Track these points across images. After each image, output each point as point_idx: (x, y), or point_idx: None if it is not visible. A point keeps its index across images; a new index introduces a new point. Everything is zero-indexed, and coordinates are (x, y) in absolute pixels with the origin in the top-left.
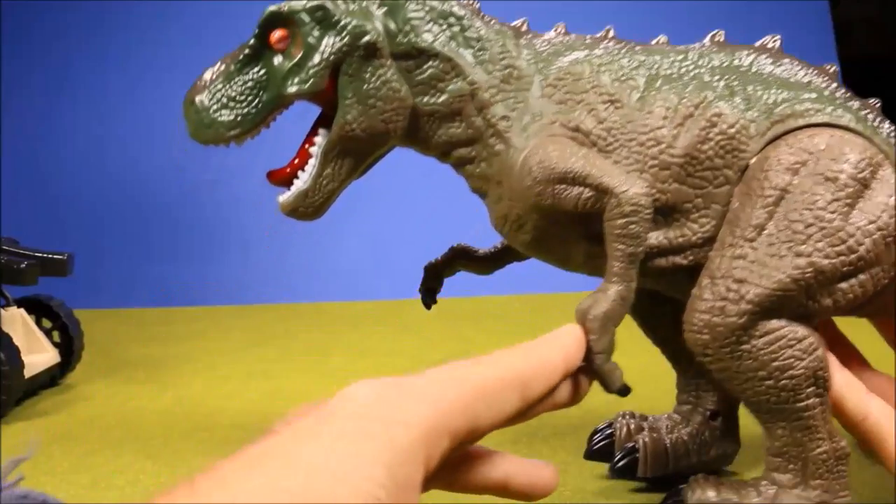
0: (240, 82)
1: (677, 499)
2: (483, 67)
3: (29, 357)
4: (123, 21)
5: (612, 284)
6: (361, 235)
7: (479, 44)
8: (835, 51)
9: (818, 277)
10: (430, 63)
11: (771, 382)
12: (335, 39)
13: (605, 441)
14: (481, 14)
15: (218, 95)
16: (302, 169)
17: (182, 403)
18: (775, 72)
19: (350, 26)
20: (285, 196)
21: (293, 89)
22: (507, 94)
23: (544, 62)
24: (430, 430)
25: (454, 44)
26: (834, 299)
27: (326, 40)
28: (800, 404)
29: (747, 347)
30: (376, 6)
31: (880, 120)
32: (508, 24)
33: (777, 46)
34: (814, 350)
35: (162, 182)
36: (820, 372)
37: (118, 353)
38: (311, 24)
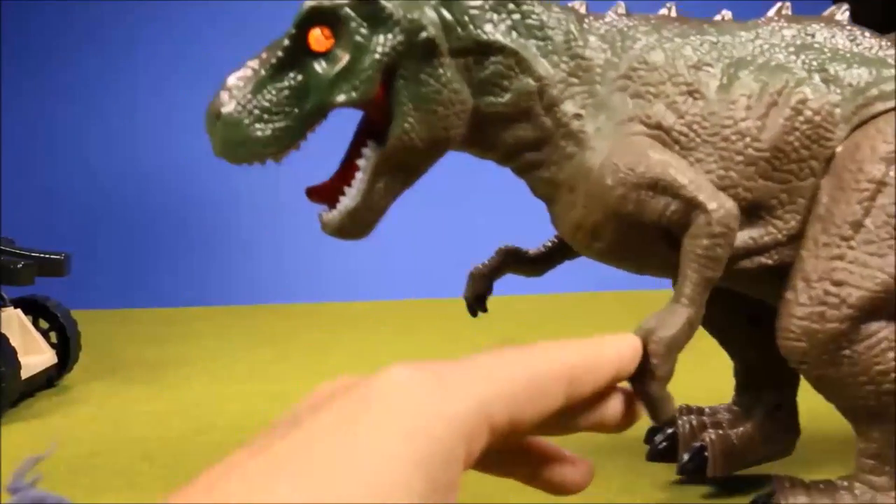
0: (274, 91)
1: (767, 503)
2: (549, 60)
3: (26, 358)
4: (123, 21)
5: (683, 308)
6: None
7: (543, 32)
8: None
9: None
10: (493, 58)
11: (872, 388)
12: (388, 37)
13: (669, 441)
14: None
15: (249, 107)
16: (348, 184)
17: (180, 405)
18: (851, 47)
19: (404, 21)
20: (331, 215)
21: (342, 98)
22: (577, 89)
23: (613, 50)
24: (473, 427)
25: (516, 34)
26: None
27: (377, 39)
28: None
29: (848, 353)
30: None
31: None
32: (567, 7)
33: (846, 17)
34: None
35: (160, 182)
36: None
37: (115, 354)
38: (359, 21)
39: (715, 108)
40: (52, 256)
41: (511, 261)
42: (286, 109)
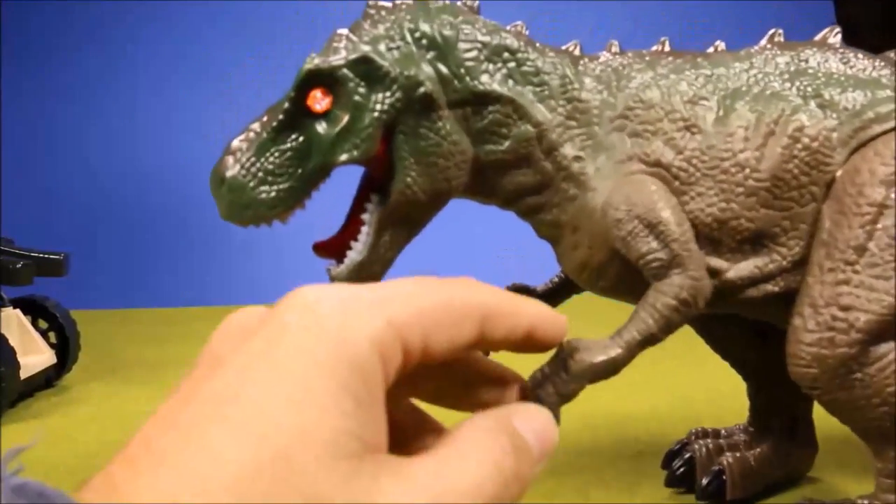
0: (276, 153)
1: None
2: (546, 105)
3: (25, 358)
4: (123, 21)
5: (617, 348)
6: None
7: (538, 78)
8: None
9: None
10: (491, 108)
11: (885, 409)
12: (386, 95)
13: (686, 466)
14: (532, 42)
15: (253, 170)
16: (354, 238)
17: None
18: (845, 70)
19: (401, 78)
20: (339, 269)
21: (344, 157)
22: (575, 131)
23: (609, 90)
24: (387, 346)
25: (512, 82)
26: None
27: (376, 97)
28: None
29: (859, 376)
30: (423, 50)
31: None
32: (562, 50)
33: (839, 40)
34: None
35: (159, 182)
36: None
37: (115, 354)
38: (357, 80)
39: (713, 142)
40: (52, 256)
41: None
42: (289, 171)
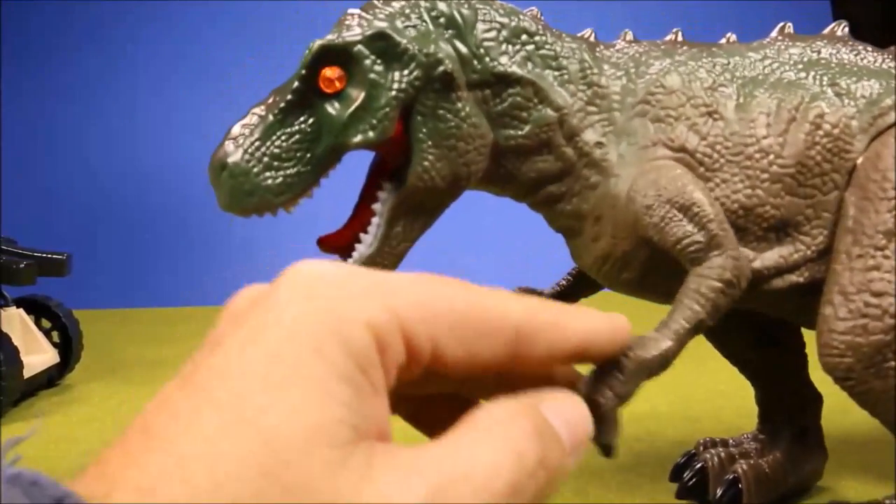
0: (283, 136)
1: None
2: (566, 89)
3: (28, 357)
4: (123, 21)
5: (667, 340)
6: None
7: (557, 62)
8: None
9: None
10: (511, 90)
11: None
12: (404, 73)
13: (697, 476)
14: (549, 26)
15: (258, 155)
16: (364, 231)
17: None
18: (857, 61)
19: (421, 56)
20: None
21: (358, 139)
22: (596, 117)
23: (628, 77)
24: (384, 332)
25: (531, 65)
26: None
27: (393, 75)
28: None
29: (894, 364)
30: (441, 28)
31: None
32: (579, 37)
33: (846, 33)
34: None
35: (160, 182)
36: None
37: (117, 354)
38: (373, 58)
39: (735, 128)
40: (54, 256)
41: None
42: (297, 154)
